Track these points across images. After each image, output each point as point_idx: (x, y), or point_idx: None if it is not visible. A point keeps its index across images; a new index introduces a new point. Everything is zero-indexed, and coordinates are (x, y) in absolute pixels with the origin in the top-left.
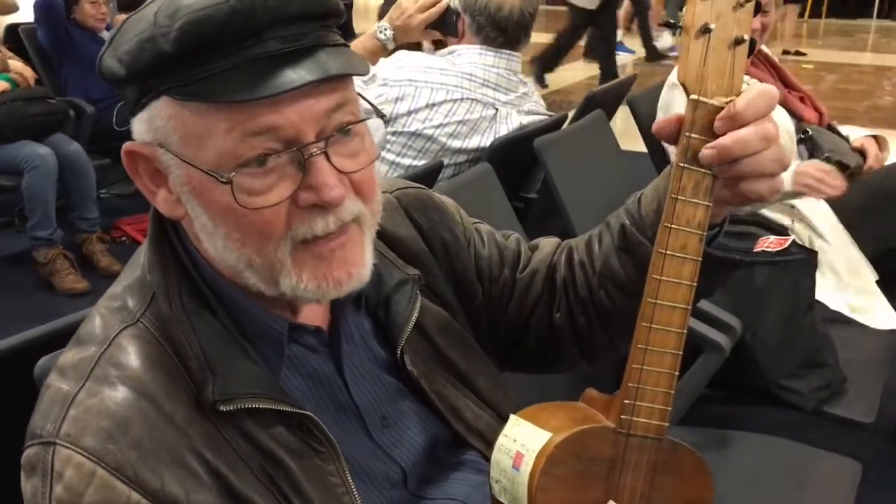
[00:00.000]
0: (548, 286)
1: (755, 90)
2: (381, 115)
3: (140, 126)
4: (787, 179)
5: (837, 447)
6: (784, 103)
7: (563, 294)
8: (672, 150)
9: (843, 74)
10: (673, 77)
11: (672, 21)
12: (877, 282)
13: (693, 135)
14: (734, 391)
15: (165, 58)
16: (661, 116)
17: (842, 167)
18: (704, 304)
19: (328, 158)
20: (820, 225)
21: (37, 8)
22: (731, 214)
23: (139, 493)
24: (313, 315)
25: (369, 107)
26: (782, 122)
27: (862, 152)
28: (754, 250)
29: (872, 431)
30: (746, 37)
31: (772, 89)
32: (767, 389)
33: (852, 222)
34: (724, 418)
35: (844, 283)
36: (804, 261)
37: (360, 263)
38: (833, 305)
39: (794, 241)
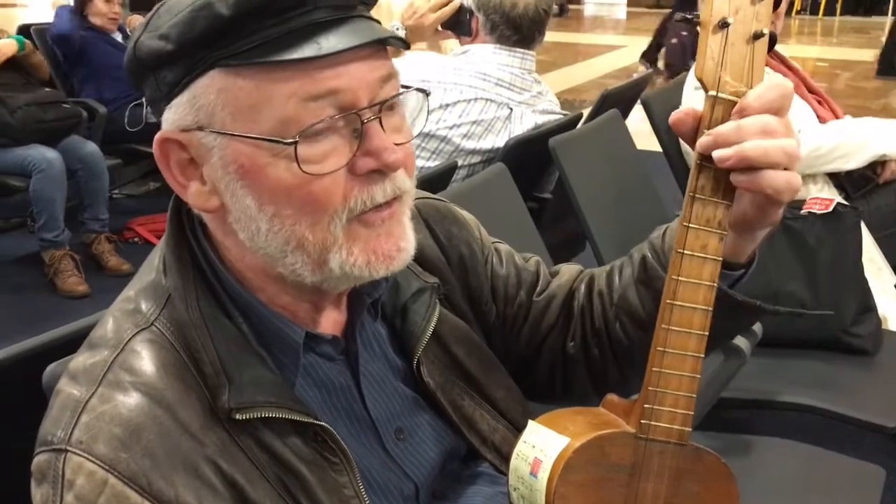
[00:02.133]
0: (564, 313)
1: (767, 83)
2: (425, 91)
3: (177, 111)
4: None
5: (860, 452)
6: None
7: (580, 322)
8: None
9: (859, 72)
10: (692, 77)
11: (689, 16)
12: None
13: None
14: (800, 347)
15: (222, 22)
16: None
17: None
18: None
19: (381, 125)
20: None
21: (52, 34)
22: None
23: (152, 503)
24: (330, 322)
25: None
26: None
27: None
28: (801, 212)
29: (895, 435)
30: (766, 31)
31: (785, 82)
32: (832, 340)
33: (877, 226)
34: (745, 423)
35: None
36: (850, 217)
37: (405, 237)
38: None
39: (838, 203)
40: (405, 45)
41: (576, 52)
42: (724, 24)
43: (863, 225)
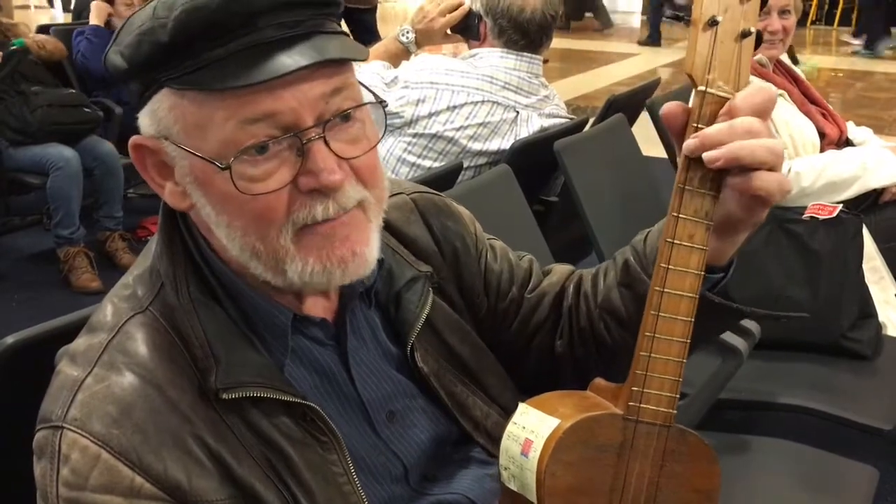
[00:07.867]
0: (553, 311)
1: (753, 87)
2: (380, 101)
3: (145, 119)
4: None
5: (855, 453)
6: (808, 116)
7: (567, 322)
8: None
9: (871, 83)
10: None
11: (680, 14)
12: None
13: (700, 126)
14: (799, 350)
15: (163, 48)
16: None
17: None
18: None
19: (327, 143)
20: None
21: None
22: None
23: (142, 477)
24: (318, 306)
25: (370, 95)
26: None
27: None
28: (804, 216)
29: (890, 438)
30: (753, 29)
31: (769, 87)
32: (831, 344)
33: (884, 237)
34: (742, 424)
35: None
36: (853, 224)
37: (364, 242)
38: None
39: (842, 209)
40: (363, 58)
41: (590, 59)
42: (713, 22)
43: (866, 232)
